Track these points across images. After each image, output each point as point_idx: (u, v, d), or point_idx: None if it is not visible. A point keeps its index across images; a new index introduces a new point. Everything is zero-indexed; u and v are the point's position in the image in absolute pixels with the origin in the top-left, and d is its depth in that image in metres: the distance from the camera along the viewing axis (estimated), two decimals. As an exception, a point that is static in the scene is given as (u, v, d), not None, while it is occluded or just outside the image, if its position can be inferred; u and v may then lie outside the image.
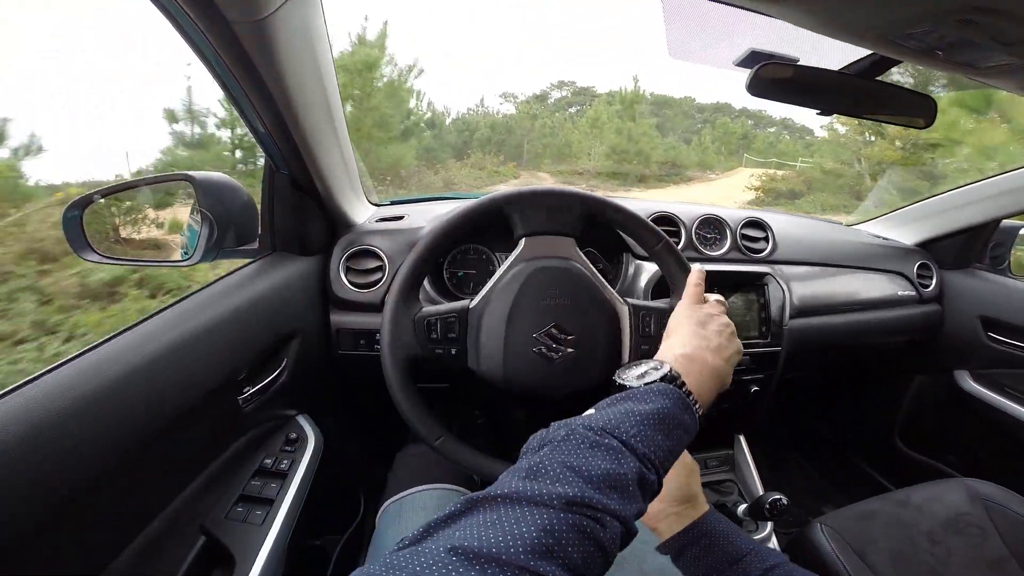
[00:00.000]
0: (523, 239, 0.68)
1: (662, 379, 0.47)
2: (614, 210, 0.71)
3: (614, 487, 0.36)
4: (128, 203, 0.90)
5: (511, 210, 0.68)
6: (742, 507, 0.97)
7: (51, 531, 0.45)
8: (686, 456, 0.63)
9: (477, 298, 0.66)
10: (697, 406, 0.47)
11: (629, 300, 0.70)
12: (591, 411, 0.45)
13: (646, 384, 0.47)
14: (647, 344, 0.68)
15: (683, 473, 0.63)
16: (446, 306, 0.66)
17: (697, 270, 0.64)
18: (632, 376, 0.50)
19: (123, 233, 0.91)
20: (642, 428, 0.40)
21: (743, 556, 0.54)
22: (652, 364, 0.51)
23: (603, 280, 0.69)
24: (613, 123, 18.57)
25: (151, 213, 1.00)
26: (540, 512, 0.32)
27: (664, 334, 0.59)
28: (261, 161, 0.81)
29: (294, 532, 0.71)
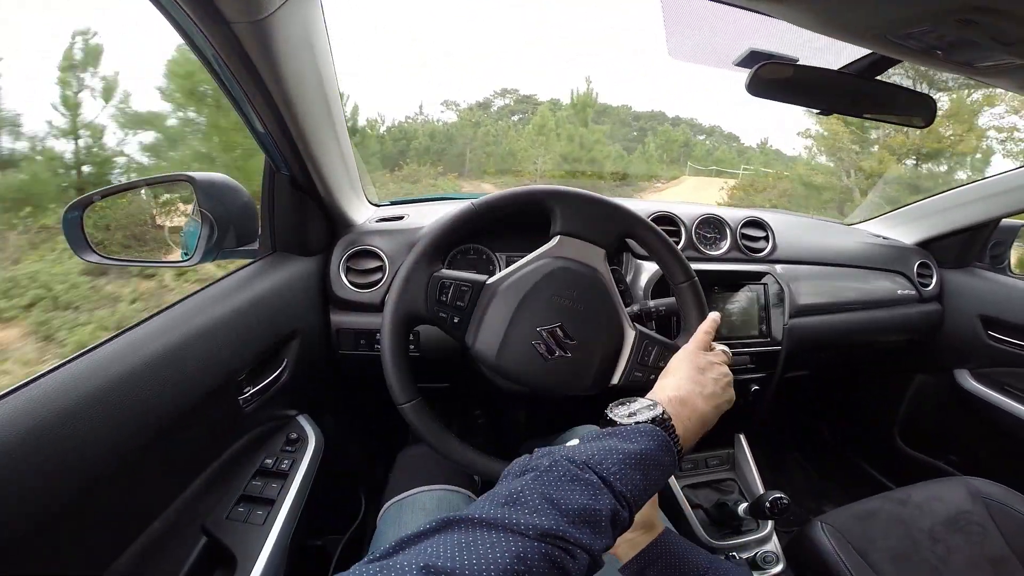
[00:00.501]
0: (559, 236, 0.68)
1: (652, 420, 0.49)
2: (653, 234, 0.71)
3: (587, 522, 0.37)
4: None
5: (555, 204, 0.68)
6: (743, 506, 0.97)
7: (52, 531, 0.45)
8: None
9: (496, 276, 0.66)
10: (679, 448, 0.49)
11: (639, 327, 0.70)
12: (575, 441, 0.46)
13: (635, 423, 0.48)
14: (640, 372, 0.68)
15: None
16: (464, 275, 0.66)
17: (711, 318, 0.66)
18: (623, 414, 0.51)
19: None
20: (623, 467, 0.42)
21: (704, 571, 0.55)
22: (645, 403, 0.52)
23: (621, 300, 0.69)
24: (564, 129, 17.21)
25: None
26: (514, 540, 0.34)
27: (663, 371, 0.60)
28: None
29: (295, 532, 0.71)
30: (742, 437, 1.22)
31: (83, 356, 0.52)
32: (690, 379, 0.56)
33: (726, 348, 0.65)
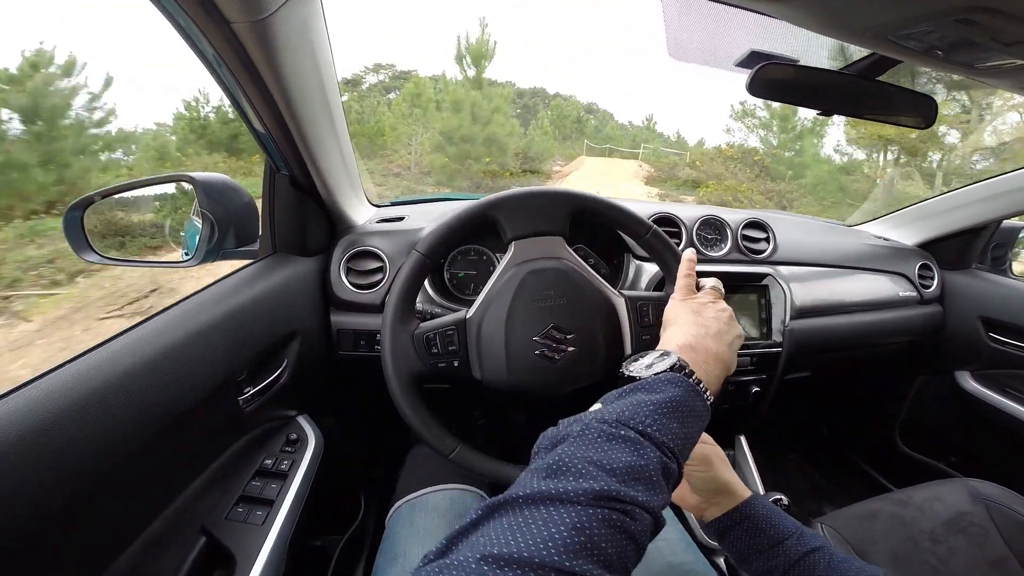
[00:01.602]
0: (512, 243, 0.68)
1: (671, 368, 0.47)
2: (600, 204, 0.70)
3: (639, 479, 0.35)
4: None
5: (496, 214, 0.67)
6: None
7: (52, 532, 0.45)
8: (706, 448, 0.63)
9: (473, 308, 0.66)
10: (708, 394, 0.47)
11: (624, 292, 0.70)
12: (598, 405, 0.44)
13: (655, 374, 0.46)
14: (648, 334, 0.68)
15: (705, 466, 0.62)
16: (443, 320, 0.66)
17: (686, 260, 0.64)
18: (640, 367, 0.49)
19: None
20: (657, 417, 0.40)
21: (785, 539, 0.54)
22: (658, 354, 0.50)
23: (596, 275, 0.69)
24: (450, 94, 12.82)
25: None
26: (568, 510, 0.32)
27: (662, 326, 0.59)
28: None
29: (295, 532, 0.71)
30: (742, 438, 1.21)
31: (83, 356, 0.52)
32: (690, 324, 0.54)
33: (716, 282, 0.62)
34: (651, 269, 1.01)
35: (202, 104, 14.21)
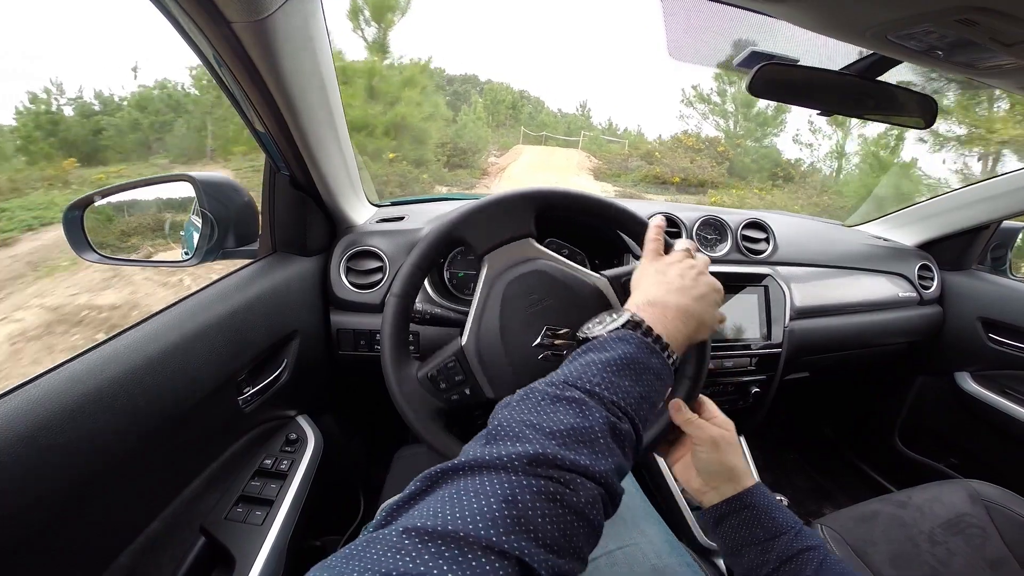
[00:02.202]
0: (483, 258, 0.66)
1: (624, 325, 0.45)
2: (558, 196, 0.69)
3: (582, 441, 0.33)
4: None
5: (461, 233, 0.66)
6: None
7: (51, 531, 0.45)
8: (714, 430, 0.59)
9: (466, 334, 0.65)
10: (669, 351, 0.44)
11: (603, 273, 0.68)
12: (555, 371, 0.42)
13: (608, 332, 0.44)
14: None
15: (711, 448, 0.59)
16: (441, 356, 0.64)
17: (653, 225, 0.61)
18: (595, 327, 0.47)
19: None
20: (606, 375, 0.38)
21: (782, 533, 0.52)
22: (613, 314, 0.48)
23: (572, 264, 0.68)
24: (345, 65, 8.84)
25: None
26: (501, 479, 0.29)
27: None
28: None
29: (294, 533, 0.71)
30: (742, 439, 1.21)
31: (83, 356, 0.52)
32: (653, 283, 0.52)
33: (687, 243, 0.60)
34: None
35: (55, 96, 11.75)
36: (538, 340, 0.63)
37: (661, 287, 0.51)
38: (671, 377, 0.44)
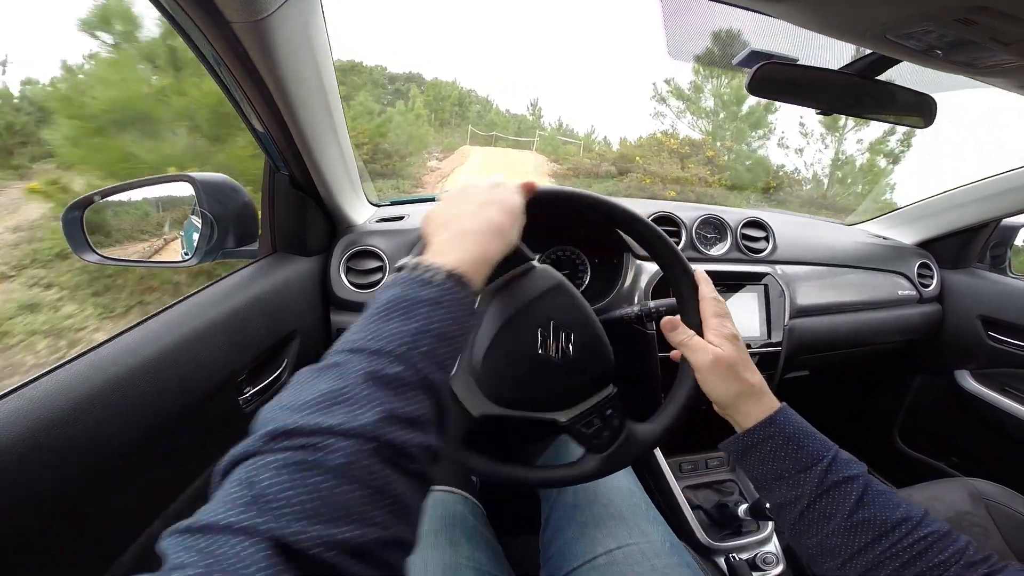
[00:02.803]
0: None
1: (398, 270, 0.41)
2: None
3: (335, 403, 0.30)
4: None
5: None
6: (743, 507, 0.97)
7: (52, 532, 0.45)
8: (709, 351, 0.54)
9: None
10: (448, 273, 0.39)
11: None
12: None
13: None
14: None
15: (716, 372, 0.54)
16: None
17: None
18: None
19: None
20: (369, 327, 0.35)
21: (813, 464, 0.47)
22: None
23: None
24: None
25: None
26: (243, 466, 0.28)
27: None
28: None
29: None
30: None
31: (83, 356, 0.52)
32: (438, 212, 0.48)
33: (498, 179, 0.53)
34: (651, 268, 1.01)
35: None
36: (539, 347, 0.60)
37: (441, 211, 0.48)
38: (456, 298, 0.38)
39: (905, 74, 0.69)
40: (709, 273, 0.65)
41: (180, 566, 0.23)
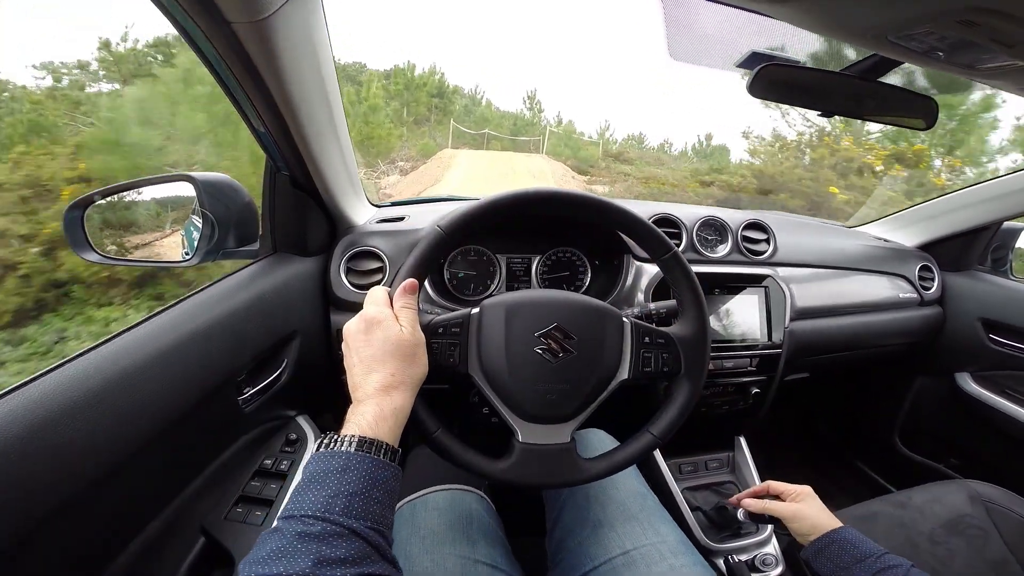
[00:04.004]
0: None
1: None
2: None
3: (277, 558, 0.38)
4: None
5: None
6: (741, 510, 0.97)
7: (51, 531, 0.45)
8: (788, 507, 0.75)
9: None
10: (345, 439, 0.46)
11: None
12: None
13: None
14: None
15: (796, 520, 0.73)
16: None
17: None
18: None
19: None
20: (294, 500, 0.43)
21: (866, 557, 0.64)
22: None
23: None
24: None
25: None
26: None
27: None
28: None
29: (294, 533, 0.71)
30: (742, 440, 1.21)
31: (83, 356, 0.52)
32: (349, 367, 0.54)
33: (370, 312, 0.55)
34: (651, 270, 1.01)
35: None
36: (540, 344, 0.61)
37: (350, 383, 0.53)
38: (363, 461, 0.45)
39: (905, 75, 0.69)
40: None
41: None
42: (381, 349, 0.52)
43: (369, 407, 0.49)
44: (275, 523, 0.42)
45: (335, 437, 0.47)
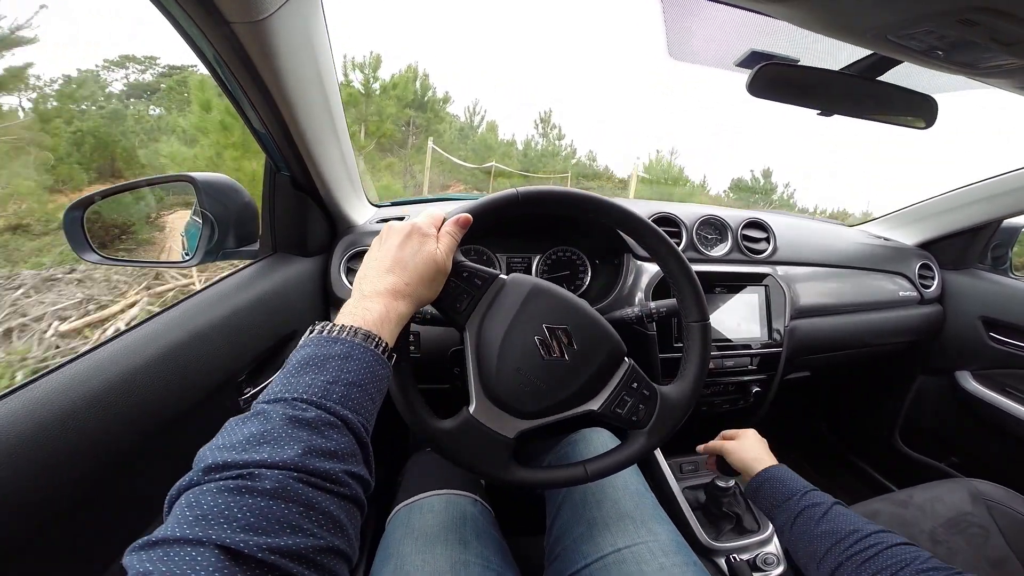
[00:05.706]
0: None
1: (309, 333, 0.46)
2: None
3: (261, 443, 0.34)
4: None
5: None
6: (742, 508, 0.97)
7: (52, 532, 0.45)
8: (723, 445, 0.83)
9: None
10: (353, 330, 0.44)
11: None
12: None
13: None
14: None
15: (731, 455, 0.80)
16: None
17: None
18: None
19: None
20: (285, 383, 0.40)
21: (793, 495, 0.68)
22: None
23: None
24: None
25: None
26: (189, 494, 0.32)
27: None
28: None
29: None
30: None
31: (83, 357, 0.52)
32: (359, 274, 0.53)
33: (420, 221, 0.58)
34: (651, 269, 1.01)
35: None
36: (539, 342, 0.61)
37: (364, 266, 0.53)
38: (364, 352, 0.43)
39: (905, 75, 0.69)
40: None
41: (144, 574, 0.28)
42: (412, 257, 0.52)
43: (377, 303, 0.48)
44: (255, 407, 0.38)
45: (332, 326, 0.44)
